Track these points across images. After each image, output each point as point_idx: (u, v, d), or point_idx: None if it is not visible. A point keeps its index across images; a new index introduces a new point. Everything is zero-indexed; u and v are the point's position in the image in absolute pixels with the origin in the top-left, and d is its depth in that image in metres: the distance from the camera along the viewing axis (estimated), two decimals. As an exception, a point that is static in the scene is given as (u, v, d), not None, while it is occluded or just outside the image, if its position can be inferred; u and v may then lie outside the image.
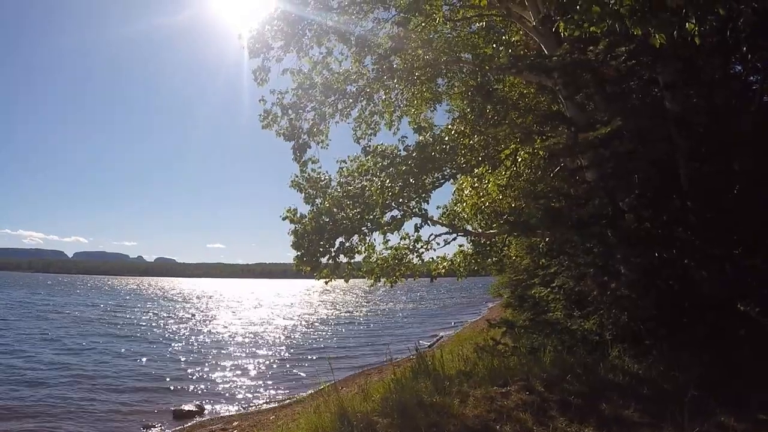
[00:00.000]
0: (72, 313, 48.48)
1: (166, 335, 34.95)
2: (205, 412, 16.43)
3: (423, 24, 13.20)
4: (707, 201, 9.00)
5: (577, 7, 6.58)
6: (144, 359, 25.24)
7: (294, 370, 23.17)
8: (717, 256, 8.72)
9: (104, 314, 49.72)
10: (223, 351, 28.67)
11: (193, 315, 53.44)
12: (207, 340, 32.94)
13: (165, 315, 51.95)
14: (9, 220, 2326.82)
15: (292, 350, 29.39)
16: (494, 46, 13.60)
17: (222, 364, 24.54)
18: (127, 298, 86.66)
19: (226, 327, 41.37)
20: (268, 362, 25.29)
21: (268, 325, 43.03)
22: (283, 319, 49.75)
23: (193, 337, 34.25)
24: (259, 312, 59.16)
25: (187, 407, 16.29)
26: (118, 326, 39.40)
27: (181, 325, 41.58)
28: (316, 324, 44.54)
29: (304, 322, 46.04)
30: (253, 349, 29.64)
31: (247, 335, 35.75)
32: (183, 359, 25.63)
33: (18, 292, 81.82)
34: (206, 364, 24.29)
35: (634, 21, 6.32)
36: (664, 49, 7.18)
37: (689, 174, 9.27)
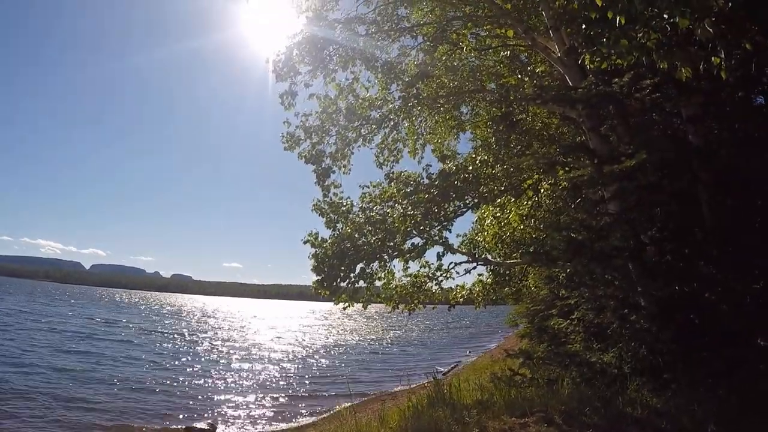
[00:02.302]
0: (85, 326, 48.59)
1: (181, 352, 34.95)
2: (218, 431, 16.34)
3: (449, 52, 13.28)
4: (729, 234, 8.94)
5: (604, 40, 6.64)
6: (158, 375, 25.28)
7: (308, 393, 23.07)
8: (738, 290, 8.63)
9: (118, 328, 49.74)
10: (237, 370, 28.67)
11: (209, 333, 53.41)
12: (222, 359, 32.89)
13: (180, 332, 51.82)
14: (28, 228, 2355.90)
15: (306, 373, 29.29)
16: (519, 76, 13.65)
17: (236, 383, 24.56)
18: (145, 312, 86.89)
19: (242, 347, 41.31)
20: (282, 383, 25.26)
21: (283, 347, 42.98)
22: (299, 341, 49.71)
23: (207, 356, 34.27)
24: (275, 333, 59.06)
25: (199, 425, 16.24)
26: (133, 341, 39.42)
27: (196, 343, 41.57)
28: (332, 347, 44.40)
29: (319, 345, 45.97)
30: (267, 369, 29.61)
31: (262, 356, 35.71)
32: (198, 377, 25.64)
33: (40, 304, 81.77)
34: (221, 383, 24.30)
35: (661, 55, 6.36)
36: (687, 82, 7.20)
37: (711, 207, 9.23)
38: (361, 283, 12.98)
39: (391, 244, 12.63)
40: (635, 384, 8.55)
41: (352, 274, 12.65)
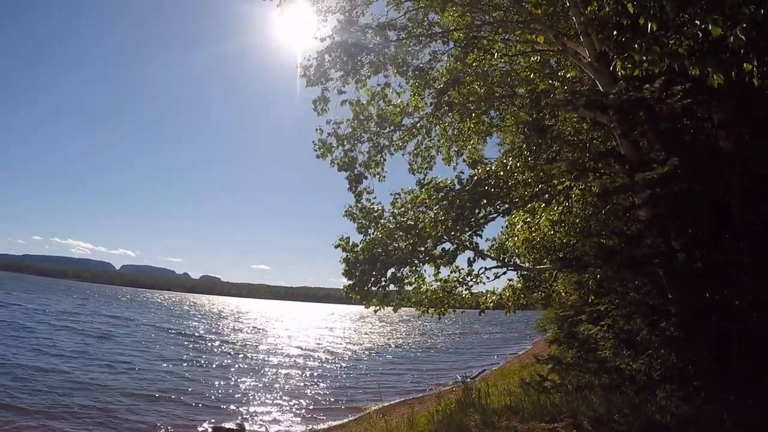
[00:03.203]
0: (121, 325, 49.20)
1: (208, 353, 35.28)
2: (246, 431, 16.34)
3: (479, 58, 13.28)
4: (760, 241, 8.86)
5: (635, 46, 6.64)
6: (186, 374, 25.66)
7: (335, 396, 23.10)
8: (770, 297, 8.55)
9: (149, 328, 50.34)
10: (265, 371, 28.85)
11: (236, 334, 53.78)
12: (250, 360, 33.12)
13: (207, 332, 52.40)
14: (58, 229, 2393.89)
15: (334, 375, 29.46)
16: (549, 81, 13.63)
17: (264, 384, 24.76)
18: (175, 312, 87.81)
19: (269, 348, 41.65)
20: (309, 385, 25.42)
21: (310, 349, 43.12)
22: (327, 343, 49.80)
23: (236, 356, 34.50)
24: (302, 335, 59.25)
25: (227, 425, 16.29)
26: (161, 341, 40.02)
27: (223, 344, 41.87)
28: (359, 351, 44.58)
29: (347, 348, 46.18)
30: (295, 371, 29.75)
31: (289, 358, 35.95)
32: (226, 377, 25.85)
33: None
34: (249, 384, 24.47)
35: (693, 61, 6.35)
36: (719, 88, 7.17)
37: (743, 213, 9.15)
38: (392, 287, 13.03)
39: (422, 249, 12.68)
40: (665, 391, 8.52)
41: (383, 279, 12.70)
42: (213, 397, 20.82)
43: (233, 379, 25.52)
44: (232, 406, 19.72)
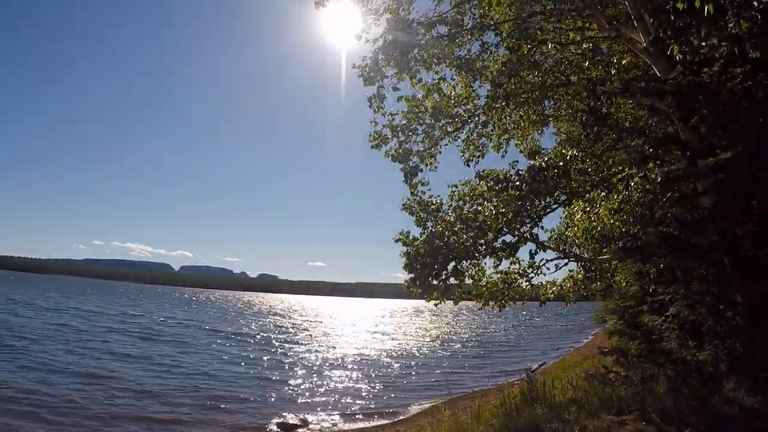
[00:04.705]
0: (185, 322, 50.34)
1: (271, 349, 35.75)
2: (310, 425, 16.62)
3: (531, 49, 13.15)
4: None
5: (693, 30, 6.52)
6: (250, 371, 26.14)
7: (397, 390, 23.26)
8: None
9: (209, 324, 51.51)
10: (327, 367, 29.18)
11: (296, 330, 54.52)
12: (312, 356, 33.54)
13: (269, 328, 53.63)
14: (118, 232, 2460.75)
15: (394, 369, 29.68)
16: (604, 68, 13.43)
17: (327, 379, 25.05)
18: (234, 311, 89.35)
19: (330, 343, 42.18)
20: (370, 380, 25.54)
21: (369, 344, 43.56)
22: (386, 338, 50.29)
23: (297, 351, 35.31)
24: (361, 330, 60.00)
25: (291, 420, 16.56)
26: (225, 338, 40.85)
27: (285, 341, 42.42)
28: (418, 345, 44.62)
29: (406, 343, 46.32)
30: (356, 366, 30.00)
31: (350, 353, 36.17)
32: (289, 373, 26.28)
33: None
34: (312, 379, 24.70)
35: (753, 44, 6.20)
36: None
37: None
38: (452, 281, 13.01)
39: (482, 241, 12.64)
40: (732, 382, 8.36)
41: (444, 272, 12.68)
42: (276, 393, 21.11)
43: (297, 374, 25.91)
44: (295, 400, 20.09)
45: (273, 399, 20.27)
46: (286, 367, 28.14)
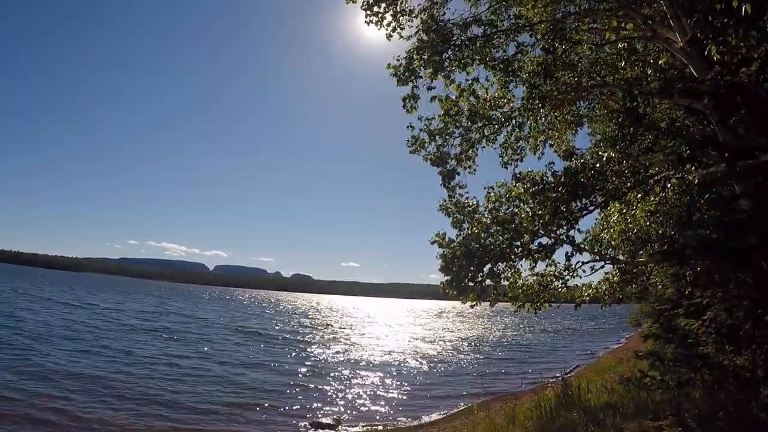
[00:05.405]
0: (215, 322, 50.90)
1: (304, 349, 35.85)
2: (342, 425, 16.66)
3: (567, 50, 13.08)
4: None
5: (730, 30, 6.43)
6: (283, 371, 26.23)
7: (430, 391, 23.20)
8: None
9: (245, 323, 52.07)
10: (361, 367, 29.25)
11: (329, 330, 54.61)
12: (345, 356, 33.58)
13: (303, 328, 53.83)
14: (153, 232, 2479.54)
15: (427, 370, 29.62)
16: (640, 69, 13.30)
17: (360, 380, 25.10)
18: (271, 310, 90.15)
19: (362, 343, 42.21)
20: (403, 380, 25.53)
21: (402, 344, 43.58)
22: (418, 339, 50.19)
23: (330, 350, 35.40)
24: (394, 330, 60.08)
25: (324, 419, 16.62)
26: (258, 338, 41.08)
27: (317, 341, 42.43)
28: (451, 346, 44.42)
29: (438, 344, 46.27)
30: (389, 366, 30.01)
31: (382, 353, 36.26)
32: (321, 373, 26.28)
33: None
34: (344, 380, 24.78)
35: (791, 42, 6.11)
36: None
37: None
38: (488, 282, 12.99)
39: (518, 243, 12.61)
40: (770, 390, 8.23)
41: (480, 274, 12.68)
42: (309, 393, 21.20)
43: (330, 374, 25.93)
44: (328, 400, 20.16)
45: (305, 398, 20.34)
46: (321, 366, 28.30)
